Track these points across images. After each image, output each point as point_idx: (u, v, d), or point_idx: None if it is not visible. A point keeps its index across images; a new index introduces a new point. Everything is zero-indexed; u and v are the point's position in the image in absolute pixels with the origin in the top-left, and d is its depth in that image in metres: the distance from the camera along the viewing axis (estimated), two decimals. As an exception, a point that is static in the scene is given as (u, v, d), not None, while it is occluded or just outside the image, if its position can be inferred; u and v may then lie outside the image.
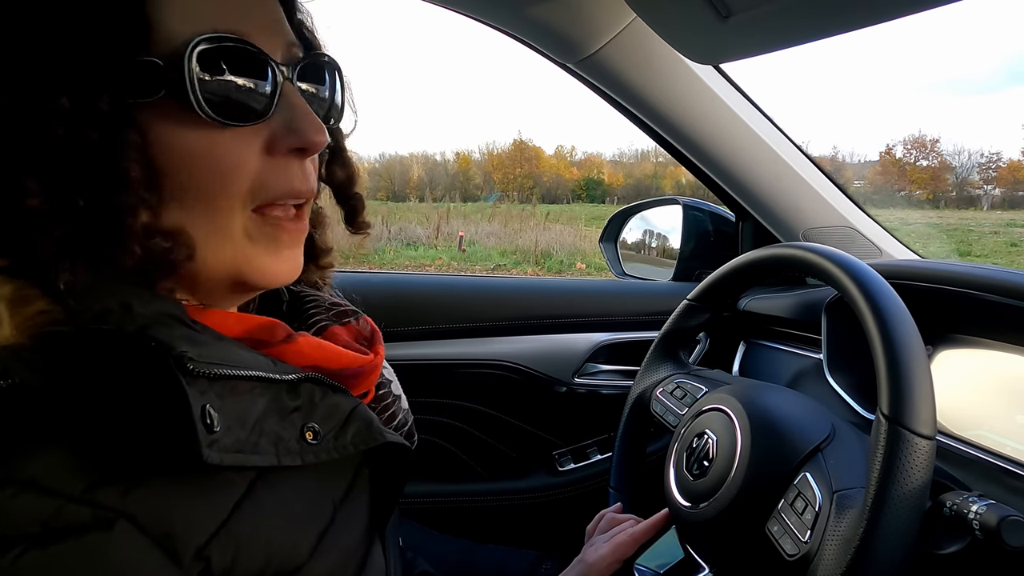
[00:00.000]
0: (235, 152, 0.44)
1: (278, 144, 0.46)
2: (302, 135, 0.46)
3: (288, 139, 0.46)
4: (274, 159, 0.46)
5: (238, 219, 0.46)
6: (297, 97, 0.47)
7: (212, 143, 0.43)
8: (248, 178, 0.45)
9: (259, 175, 0.46)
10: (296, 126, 0.46)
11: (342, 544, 0.49)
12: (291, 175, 0.47)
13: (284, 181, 0.47)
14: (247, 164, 0.45)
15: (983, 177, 42.65)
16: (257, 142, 0.46)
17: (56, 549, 0.34)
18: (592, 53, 1.00)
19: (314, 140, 0.47)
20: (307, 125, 0.46)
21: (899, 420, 0.55)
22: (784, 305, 1.13)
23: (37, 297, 0.39)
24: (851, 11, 0.65)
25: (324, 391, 0.49)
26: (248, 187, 0.45)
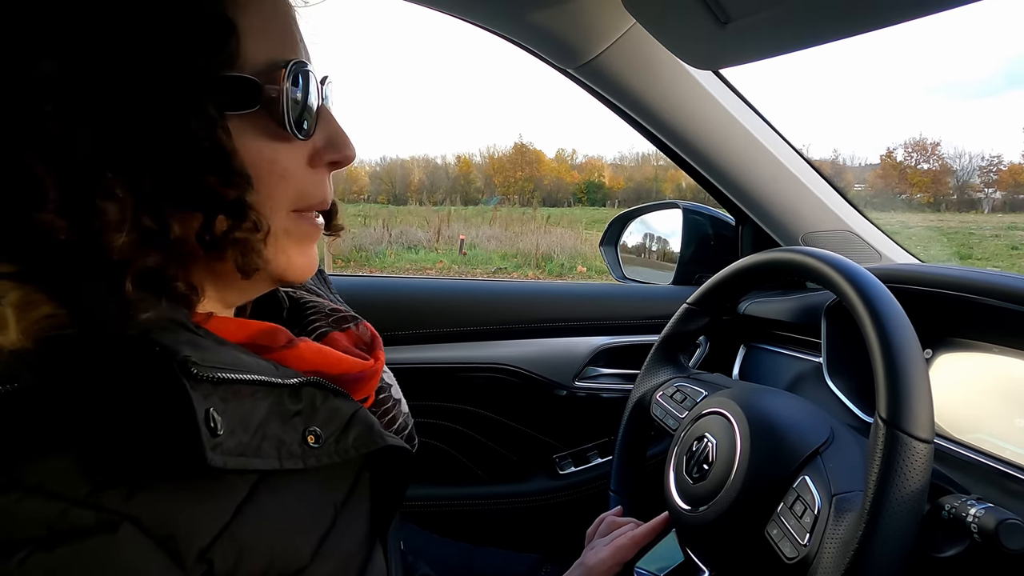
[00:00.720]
0: (291, 162, 0.49)
1: (319, 158, 0.51)
2: (341, 150, 0.51)
3: (328, 154, 0.51)
4: (314, 170, 0.51)
5: (281, 220, 0.49)
6: (330, 115, 0.52)
7: (278, 154, 0.48)
8: (296, 186, 0.49)
9: (302, 184, 0.50)
10: (336, 142, 0.51)
11: (343, 547, 0.49)
12: (325, 186, 0.52)
13: (320, 191, 0.51)
14: (296, 173, 0.49)
15: (984, 180, 42.66)
16: (304, 155, 0.50)
17: (61, 552, 0.34)
18: (592, 58, 1.01)
19: (349, 155, 0.52)
20: (344, 141, 0.52)
21: (897, 424, 0.55)
22: (784, 309, 1.13)
23: (43, 302, 0.39)
24: (849, 17, 0.66)
25: (325, 395, 0.49)
26: (294, 195, 0.49)
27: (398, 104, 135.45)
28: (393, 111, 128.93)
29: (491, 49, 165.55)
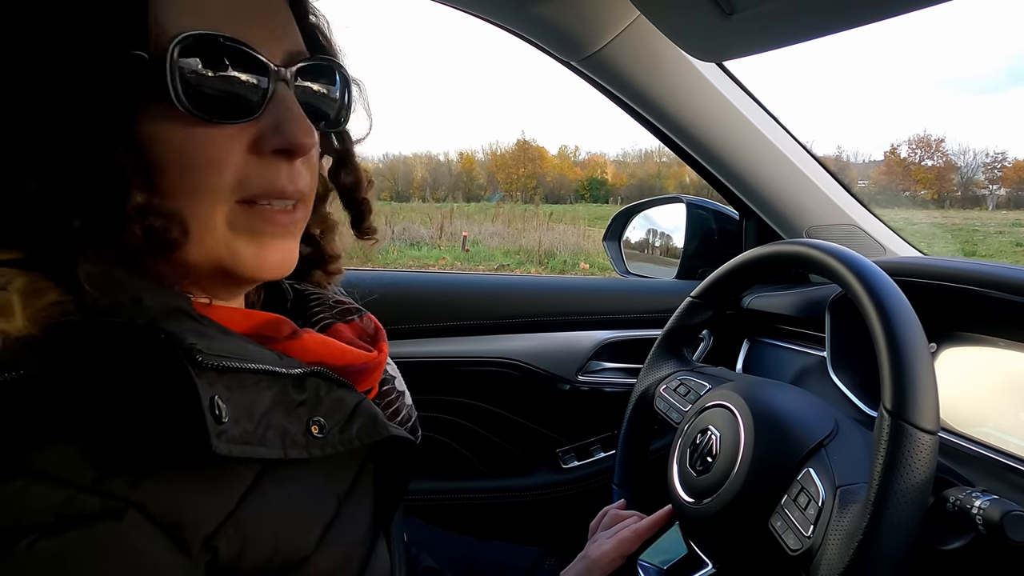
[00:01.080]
0: (218, 148, 0.45)
1: (264, 144, 0.46)
2: (287, 136, 0.46)
3: (273, 139, 0.46)
4: (260, 158, 0.47)
5: (220, 210, 0.46)
6: (291, 99, 0.48)
7: (196, 137, 0.44)
8: (232, 174, 0.46)
9: (243, 171, 0.46)
10: (283, 127, 0.46)
11: (347, 538, 0.49)
12: (276, 175, 0.47)
13: (268, 180, 0.47)
14: (231, 160, 0.45)
15: (988, 177, 42.52)
16: (244, 140, 0.46)
17: (67, 538, 0.35)
18: (595, 51, 1.00)
19: (299, 142, 0.47)
20: (294, 127, 0.47)
21: (902, 415, 0.55)
22: (788, 303, 1.13)
23: (50, 289, 0.40)
24: (854, 8, 0.66)
25: (329, 386, 0.49)
26: (231, 182, 0.46)
27: (401, 100, 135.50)
28: (396, 107, 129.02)
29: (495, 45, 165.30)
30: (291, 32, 0.50)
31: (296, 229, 0.51)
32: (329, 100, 0.53)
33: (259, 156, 0.47)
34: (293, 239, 0.51)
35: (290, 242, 0.51)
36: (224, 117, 0.45)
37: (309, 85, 0.50)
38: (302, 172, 0.49)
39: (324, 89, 0.52)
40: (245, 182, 0.46)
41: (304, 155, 0.48)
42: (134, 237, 0.42)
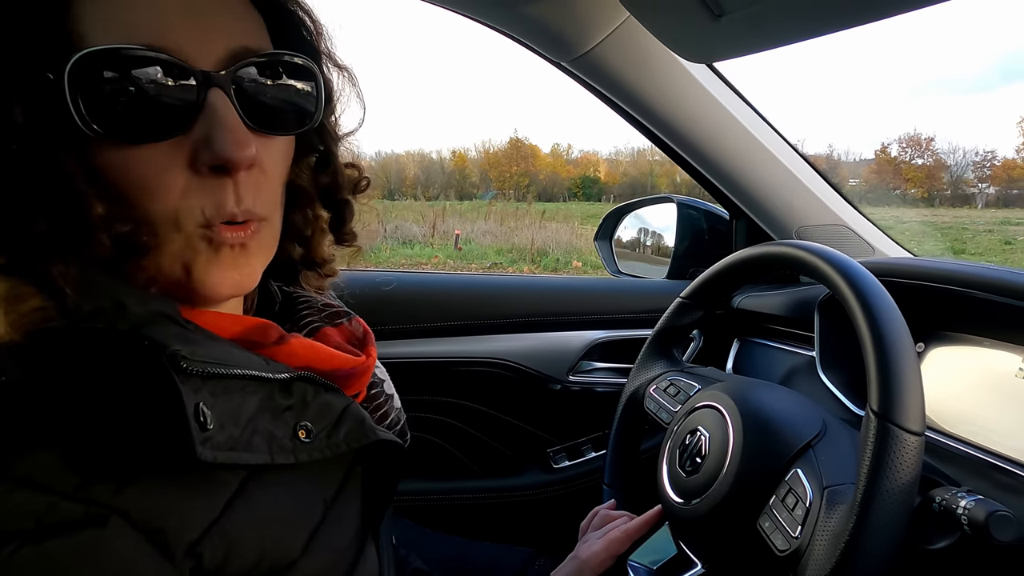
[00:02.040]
0: (152, 168, 0.42)
1: (198, 160, 0.43)
2: (215, 150, 0.43)
3: (205, 154, 0.43)
4: (200, 176, 0.43)
5: (176, 232, 0.44)
6: (223, 106, 0.43)
7: (127, 159, 0.42)
8: (172, 196, 0.43)
9: (185, 192, 0.43)
10: (213, 140, 0.43)
11: (334, 542, 0.49)
12: (221, 195, 0.44)
13: (211, 200, 0.44)
14: (169, 181, 0.43)
15: (978, 175, 42.82)
16: (181, 158, 0.43)
17: (50, 545, 0.34)
18: (586, 52, 1.00)
19: (230, 156, 0.43)
20: (224, 139, 0.43)
21: (888, 416, 0.56)
22: (777, 303, 1.13)
23: (32, 295, 0.39)
24: (842, 10, 0.66)
25: (316, 390, 0.49)
26: (174, 205, 0.43)
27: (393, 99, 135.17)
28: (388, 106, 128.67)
29: (487, 43, 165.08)
30: (237, 31, 0.46)
31: (256, 247, 0.48)
32: (292, 98, 0.49)
33: (199, 174, 0.43)
34: (254, 257, 0.48)
35: (250, 260, 0.48)
36: (145, 137, 0.42)
37: (260, 83, 0.46)
38: (252, 189, 0.46)
39: (283, 87, 0.48)
40: (192, 203, 0.43)
41: (241, 169, 0.44)
42: (102, 246, 0.41)
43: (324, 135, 0.57)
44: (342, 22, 0.56)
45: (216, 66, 0.44)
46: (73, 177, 0.41)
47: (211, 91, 0.43)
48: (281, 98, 0.48)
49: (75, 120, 0.40)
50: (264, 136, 0.47)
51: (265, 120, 0.47)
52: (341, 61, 0.55)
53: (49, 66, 0.40)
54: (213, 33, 0.44)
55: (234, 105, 0.44)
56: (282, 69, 0.48)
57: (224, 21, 0.45)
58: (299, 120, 0.50)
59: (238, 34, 0.46)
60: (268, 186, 0.48)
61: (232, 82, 0.44)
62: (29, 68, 0.40)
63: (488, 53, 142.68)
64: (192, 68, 0.42)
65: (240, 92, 0.45)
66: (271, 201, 0.49)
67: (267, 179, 0.48)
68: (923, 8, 0.62)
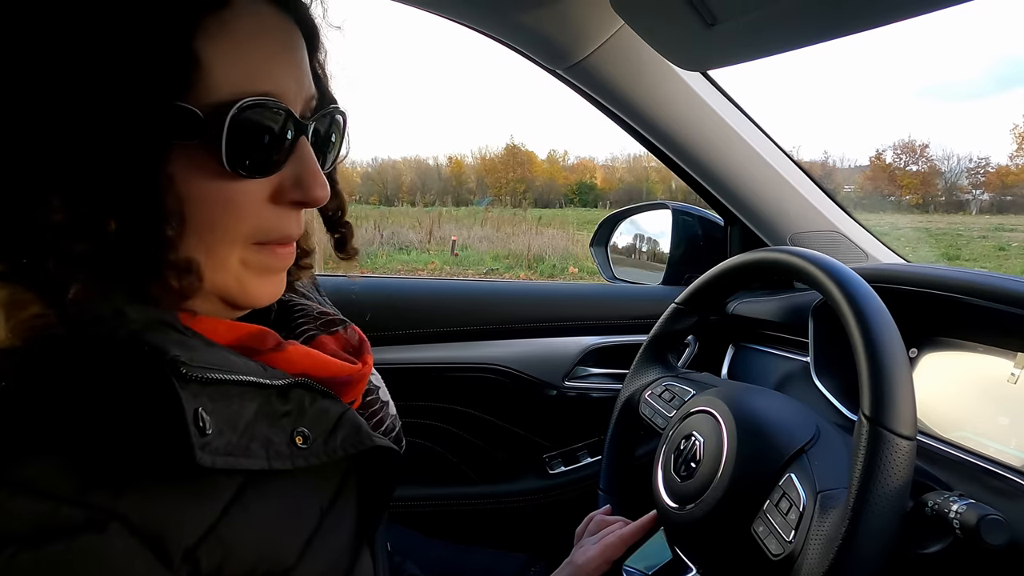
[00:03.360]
0: (244, 198, 0.46)
1: (284, 195, 0.48)
2: (307, 192, 0.49)
3: (293, 193, 0.48)
4: (277, 207, 0.48)
5: (236, 251, 0.48)
6: (308, 152, 0.49)
7: (226, 189, 0.45)
8: (251, 222, 0.47)
9: (260, 219, 0.48)
10: (303, 182, 0.48)
11: (330, 549, 0.49)
12: (289, 223, 0.50)
13: (282, 227, 0.49)
14: (252, 209, 0.47)
15: (972, 182, 43.01)
16: (265, 190, 0.48)
17: (49, 550, 0.35)
18: (581, 59, 1.01)
19: (317, 196, 0.49)
20: (313, 182, 0.49)
21: (880, 421, 0.56)
22: (772, 309, 1.14)
23: (32, 301, 0.40)
24: (835, 19, 0.66)
25: (313, 396, 0.49)
26: (249, 229, 0.47)
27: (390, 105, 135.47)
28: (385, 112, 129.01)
29: (484, 50, 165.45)
30: (309, 81, 0.50)
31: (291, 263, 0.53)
32: (332, 144, 0.54)
33: (277, 205, 0.48)
34: (286, 271, 0.53)
35: (284, 273, 0.53)
36: (256, 173, 0.46)
37: (319, 130, 0.52)
38: (302, 215, 0.52)
39: (330, 134, 0.54)
40: (260, 229, 0.48)
41: (317, 207, 0.51)
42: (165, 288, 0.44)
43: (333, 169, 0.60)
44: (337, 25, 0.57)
45: (300, 114, 0.49)
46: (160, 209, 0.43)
47: (300, 136, 0.49)
48: (329, 142, 0.54)
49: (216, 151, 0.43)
50: None
51: (324, 162, 0.53)
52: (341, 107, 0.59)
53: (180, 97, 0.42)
54: (303, 82, 0.49)
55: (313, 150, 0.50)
56: (335, 119, 0.54)
57: (305, 70, 0.50)
58: (336, 159, 0.56)
59: (310, 84, 0.51)
60: None
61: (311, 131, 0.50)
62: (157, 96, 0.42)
63: (485, 60, 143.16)
64: (295, 117, 0.47)
65: (312, 140, 0.50)
66: None
67: None
68: (915, 17, 0.63)
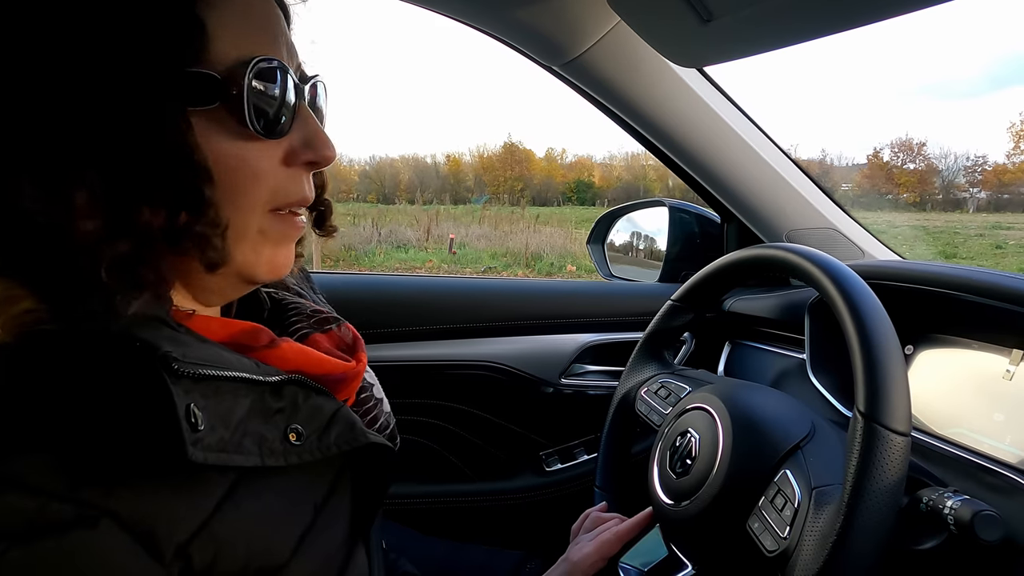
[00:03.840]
0: (263, 161, 0.48)
1: (296, 157, 0.50)
2: (318, 151, 0.50)
3: (305, 154, 0.50)
4: (290, 170, 0.50)
5: (255, 219, 0.48)
6: (310, 114, 0.51)
7: (247, 152, 0.47)
8: (269, 185, 0.48)
9: (277, 183, 0.49)
10: (312, 142, 0.50)
11: (323, 546, 0.49)
12: (302, 185, 0.51)
13: (297, 190, 0.51)
14: (269, 173, 0.48)
15: (969, 180, 43.11)
16: (278, 154, 0.49)
17: (40, 546, 0.35)
18: (577, 56, 1.01)
19: (328, 155, 0.51)
20: (322, 142, 0.51)
21: (875, 417, 0.56)
22: (768, 306, 1.14)
23: (24, 297, 0.39)
24: (830, 15, 0.66)
25: (307, 393, 0.49)
26: (268, 193, 0.49)
27: (388, 103, 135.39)
28: (383, 110, 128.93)
29: (481, 47, 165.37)
30: (295, 50, 0.52)
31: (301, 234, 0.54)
32: (320, 112, 0.55)
33: (290, 168, 0.50)
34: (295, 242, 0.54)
35: (294, 246, 0.54)
36: (273, 134, 0.48)
37: (311, 98, 0.53)
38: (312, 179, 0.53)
39: (318, 102, 0.55)
40: (278, 193, 0.49)
41: (327, 166, 0.53)
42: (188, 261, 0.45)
43: None
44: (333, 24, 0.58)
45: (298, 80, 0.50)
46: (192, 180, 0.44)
47: (301, 101, 0.50)
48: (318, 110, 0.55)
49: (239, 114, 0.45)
50: None
51: None
52: None
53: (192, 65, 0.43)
54: (293, 50, 0.51)
55: None
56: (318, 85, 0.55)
57: (290, 40, 0.52)
58: None
59: (296, 53, 0.52)
60: None
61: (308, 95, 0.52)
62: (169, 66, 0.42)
63: (483, 57, 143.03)
64: (298, 82, 0.50)
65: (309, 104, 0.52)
66: None
67: None
68: (910, 12, 0.63)
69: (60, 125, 0.40)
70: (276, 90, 0.47)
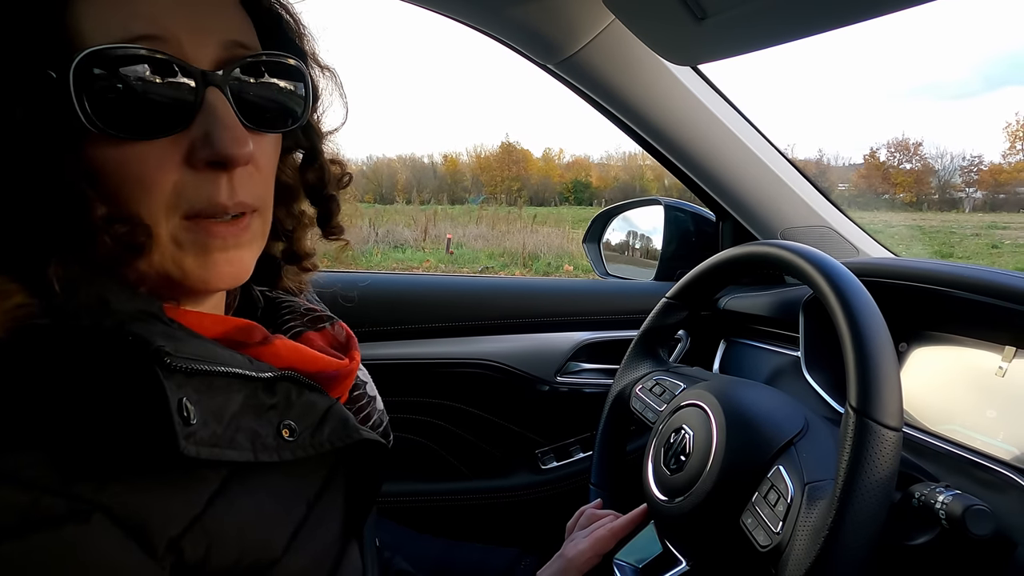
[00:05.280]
0: (149, 164, 0.43)
1: (195, 156, 0.44)
2: (216, 148, 0.44)
3: (203, 151, 0.44)
4: (195, 171, 0.44)
5: (164, 227, 0.44)
6: (222, 105, 0.45)
7: (124, 155, 0.42)
8: (167, 190, 0.44)
9: (178, 187, 0.44)
10: (212, 138, 0.44)
11: (317, 542, 0.49)
12: (215, 188, 0.45)
13: (206, 195, 0.45)
14: (164, 176, 0.43)
15: (965, 180, 43.22)
16: (177, 153, 0.44)
17: (33, 540, 0.35)
18: (572, 54, 1.01)
19: (229, 153, 0.44)
20: (224, 137, 0.44)
21: (866, 412, 0.56)
22: (763, 303, 1.14)
23: (16, 292, 0.39)
24: (823, 13, 0.67)
25: (300, 390, 0.49)
26: (168, 199, 0.44)
27: (385, 103, 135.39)
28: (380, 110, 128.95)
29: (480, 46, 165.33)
30: (231, 27, 0.47)
31: (248, 239, 0.49)
32: (282, 97, 0.50)
33: (194, 169, 0.44)
34: (246, 249, 0.49)
35: (241, 253, 0.48)
36: (146, 134, 0.42)
37: (254, 82, 0.47)
38: (246, 182, 0.47)
39: (275, 86, 0.49)
40: (184, 197, 0.44)
41: (239, 166, 0.45)
42: (104, 246, 0.42)
43: (310, 132, 0.58)
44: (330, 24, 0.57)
45: (213, 65, 0.45)
46: (75, 177, 0.41)
47: (209, 90, 0.44)
48: (273, 97, 0.49)
49: (78, 118, 0.41)
50: (258, 133, 0.48)
51: (259, 118, 0.48)
52: (323, 61, 0.56)
53: (50, 64, 0.40)
54: (208, 30, 0.45)
55: (231, 104, 0.45)
56: (274, 69, 0.49)
57: (217, 19, 0.46)
58: (290, 118, 0.51)
59: (231, 31, 0.47)
60: (261, 180, 0.50)
61: (228, 81, 0.45)
62: (30, 66, 0.40)
63: (480, 57, 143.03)
64: (193, 68, 0.43)
65: (235, 91, 0.46)
66: (264, 194, 0.50)
67: (260, 174, 0.49)
68: (904, 10, 0.63)
69: None
70: (134, 81, 0.41)
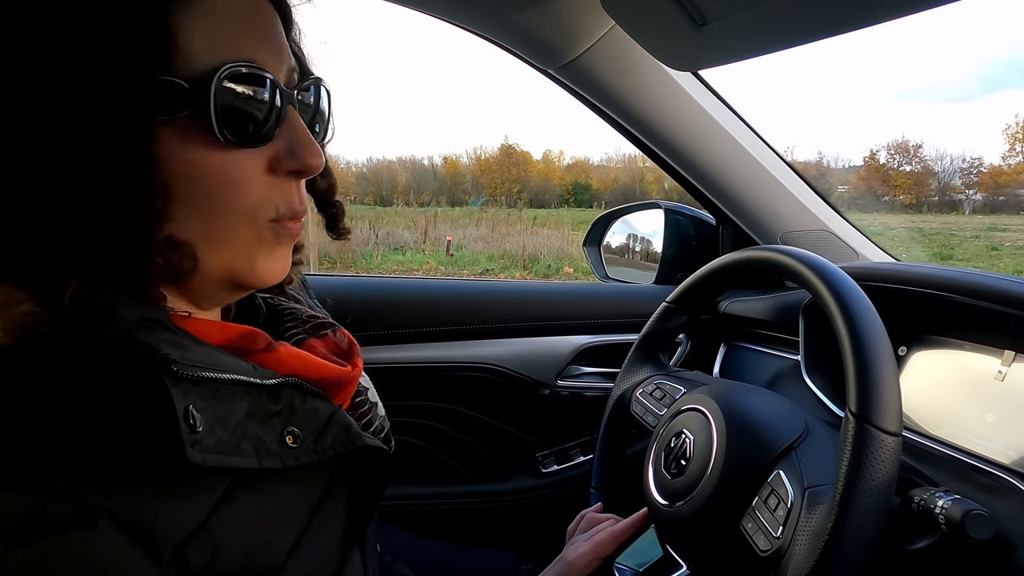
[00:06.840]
0: (242, 171, 0.46)
1: (280, 166, 0.48)
2: (302, 159, 0.49)
3: (289, 162, 0.48)
4: (275, 179, 0.48)
5: (246, 228, 0.48)
6: (298, 121, 0.49)
7: (222, 162, 0.45)
8: (251, 195, 0.47)
9: (261, 193, 0.48)
10: (297, 150, 0.48)
11: (319, 548, 0.49)
12: (291, 195, 0.50)
13: (284, 200, 0.49)
14: (251, 183, 0.47)
15: (965, 182, 43.22)
16: (261, 162, 0.48)
17: (38, 546, 0.35)
18: (572, 59, 1.01)
19: (312, 164, 0.49)
20: (306, 150, 0.49)
21: (866, 417, 0.57)
22: (763, 307, 1.14)
23: (24, 300, 0.40)
24: (823, 20, 0.67)
25: (304, 396, 0.50)
26: (252, 204, 0.47)
27: (386, 105, 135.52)
28: (381, 112, 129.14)
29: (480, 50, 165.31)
30: (288, 52, 0.50)
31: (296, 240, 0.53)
32: (320, 116, 0.54)
33: (275, 177, 0.48)
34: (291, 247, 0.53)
35: (290, 251, 0.53)
36: (249, 142, 0.46)
37: (306, 102, 0.52)
38: (303, 189, 0.52)
39: (317, 106, 0.54)
40: (264, 204, 0.48)
41: (313, 175, 0.51)
42: (155, 267, 0.44)
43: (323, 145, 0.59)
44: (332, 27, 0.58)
45: (285, 83, 0.49)
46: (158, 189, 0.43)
47: (288, 106, 0.49)
48: (318, 114, 0.54)
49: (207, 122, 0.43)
50: None
51: (315, 134, 0.52)
52: None
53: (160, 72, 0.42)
54: (282, 56, 0.49)
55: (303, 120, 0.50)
56: (315, 89, 0.53)
57: (283, 42, 0.50)
58: (327, 133, 0.56)
59: (289, 55, 0.51)
60: None
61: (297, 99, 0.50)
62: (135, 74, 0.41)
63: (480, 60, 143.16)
64: (280, 85, 0.47)
65: (301, 109, 0.51)
66: None
67: None
68: (903, 16, 0.64)
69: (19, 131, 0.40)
70: (253, 95, 0.45)
